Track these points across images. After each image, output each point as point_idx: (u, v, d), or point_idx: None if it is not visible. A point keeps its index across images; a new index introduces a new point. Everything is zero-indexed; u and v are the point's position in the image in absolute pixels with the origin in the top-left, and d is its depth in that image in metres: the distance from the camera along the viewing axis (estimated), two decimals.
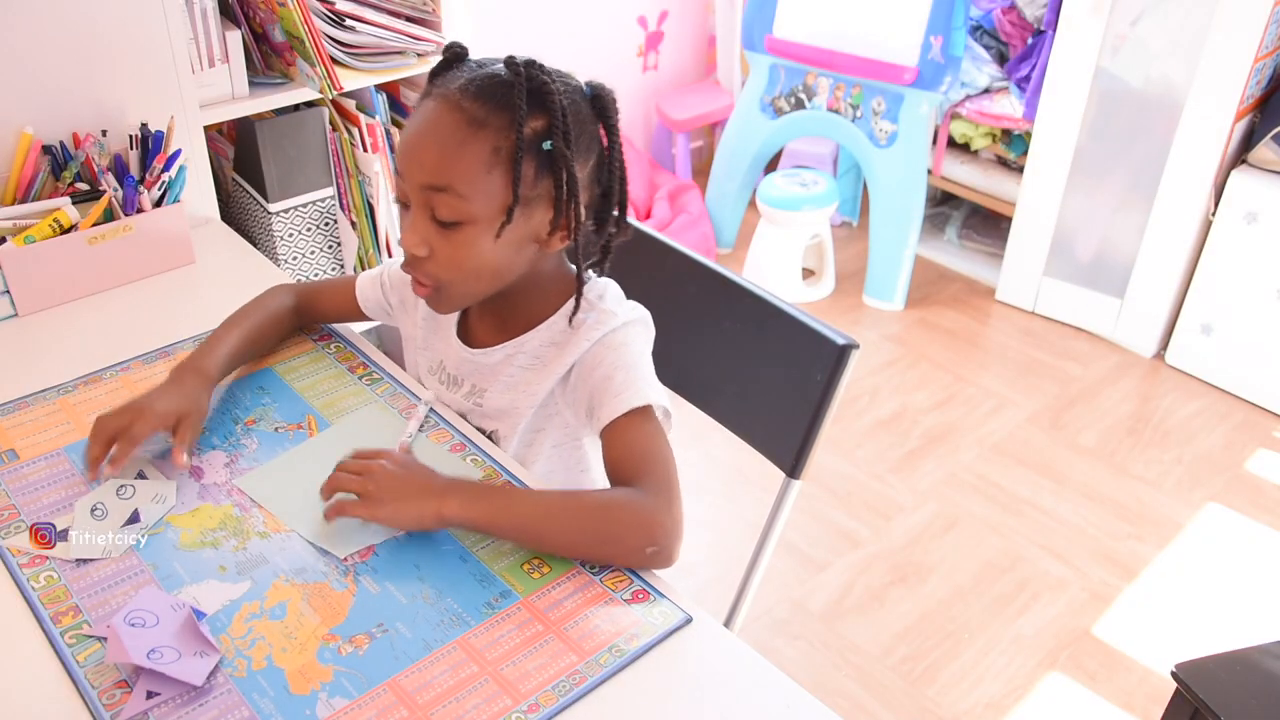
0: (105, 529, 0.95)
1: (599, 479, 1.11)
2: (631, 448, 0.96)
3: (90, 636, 0.84)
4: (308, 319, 1.24)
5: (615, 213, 1.02)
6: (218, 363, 1.10)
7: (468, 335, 1.10)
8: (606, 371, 0.98)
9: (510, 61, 0.93)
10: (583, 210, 0.97)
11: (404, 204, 0.97)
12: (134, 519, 0.96)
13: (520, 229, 0.95)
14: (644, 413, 0.97)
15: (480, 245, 0.94)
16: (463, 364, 1.10)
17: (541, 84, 0.91)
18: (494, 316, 1.07)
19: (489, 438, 1.09)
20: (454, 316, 1.11)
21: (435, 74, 0.97)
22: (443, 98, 0.92)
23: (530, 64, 0.93)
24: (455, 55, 0.96)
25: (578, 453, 1.10)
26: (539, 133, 0.92)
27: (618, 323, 1.01)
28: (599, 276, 1.06)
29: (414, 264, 0.97)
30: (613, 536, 0.91)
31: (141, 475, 1.01)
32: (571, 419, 1.06)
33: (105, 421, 1.00)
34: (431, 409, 1.10)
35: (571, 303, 1.02)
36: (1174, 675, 1.22)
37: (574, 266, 1.01)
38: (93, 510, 0.96)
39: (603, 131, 0.98)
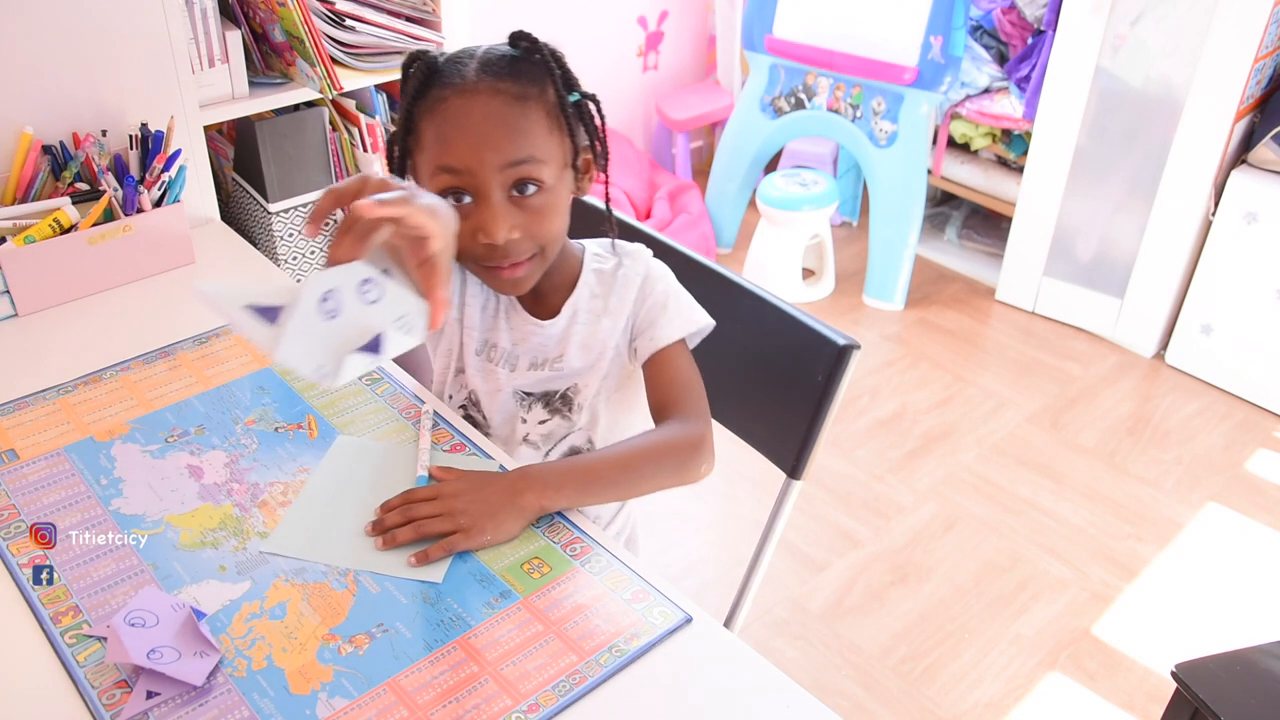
0: (334, 335, 0.66)
1: (645, 417, 1.15)
2: (673, 380, 1.06)
3: (90, 636, 0.84)
4: None
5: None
6: None
7: (530, 308, 1.12)
8: (660, 299, 1.08)
9: (521, 35, 1.01)
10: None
11: (456, 198, 0.97)
12: (374, 346, 0.69)
13: (577, 181, 1.06)
14: (683, 344, 1.08)
15: (561, 204, 1.02)
16: (527, 339, 1.11)
17: (548, 47, 1.01)
18: (539, 290, 1.09)
19: (556, 401, 1.12)
20: (511, 300, 1.12)
21: (424, 82, 0.98)
22: (471, 90, 0.96)
23: (531, 34, 1.01)
24: (433, 59, 1.00)
25: (629, 395, 1.15)
26: (562, 89, 1.00)
27: (647, 253, 1.12)
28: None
29: (505, 250, 0.99)
30: (676, 466, 1.01)
31: (387, 272, 0.74)
32: (625, 351, 1.12)
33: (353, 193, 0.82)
34: (435, 416, 1.10)
35: (592, 254, 1.12)
36: (1174, 675, 1.22)
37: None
38: (323, 300, 0.66)
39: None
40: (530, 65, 0.99)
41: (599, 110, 1.04)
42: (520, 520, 0.94)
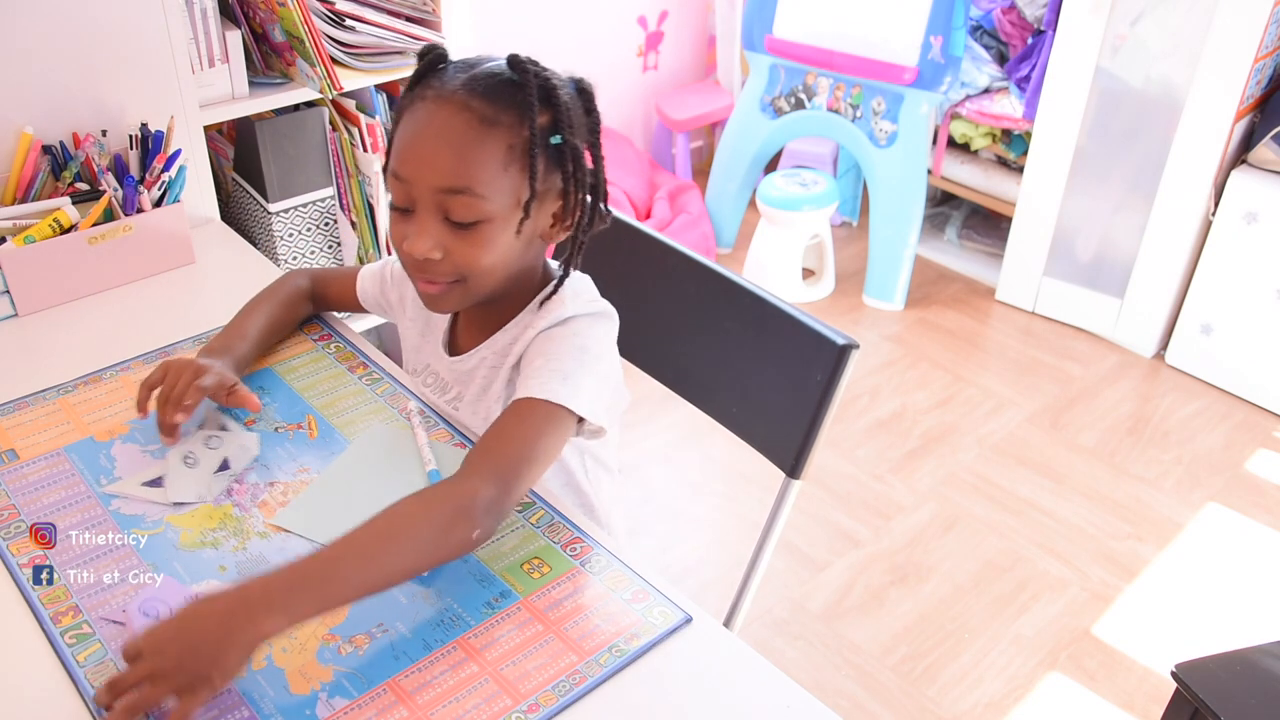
0: (199, 475, 1.01)
1: (579, 475, 1.12)
2: (499, 432, 0.91)
3: (90, 636, 0.84)
4: (320, 306, 1.26)
5: (601, 203, 1.02)
6: (243, 350, 1.13)
7: (454, 341, 1.12)
8: (536, 356, 0.97)
9: (515, 60, 0.93)
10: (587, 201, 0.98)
11: (402, 209, 0.94)
12: (224, 466, 1.02)
13: (533, 224, 0.96)
14: (541, 406, 0.92)
15: (499, 242, 0.94)
16: (445, 369, 1.12)
17: (545, 80, 0.92)
18: (477, 319, 1.07)
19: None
20: (444, 323, 1.12)
21: (419, 77, 0.96)
22: (445, 99, 0.91)
23: (532, 61, 0.93)
24: (439, 57, 0.96)
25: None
26: (545, 128, 0.92)
27: (566, 314, 1.00)
28: (574, 270, 1.06)
29: (424, 266, 0.95)
30: (431, 540, 0.84)
31: (224, 428, 1.07)
32: None
33: (157, 381, 1.05)
34: (422, 412, 1.11)
35: (538, 300, 1.02)
36: (1174, 675, 1.22)
37: (548, 262, 1.05)
38: (185, 459, 1.02)
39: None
40: (516, 91, 0.91)
41: (577, 160, 0.95)
42: (244, 654, 0.75)
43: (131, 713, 0.73)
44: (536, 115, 0.91)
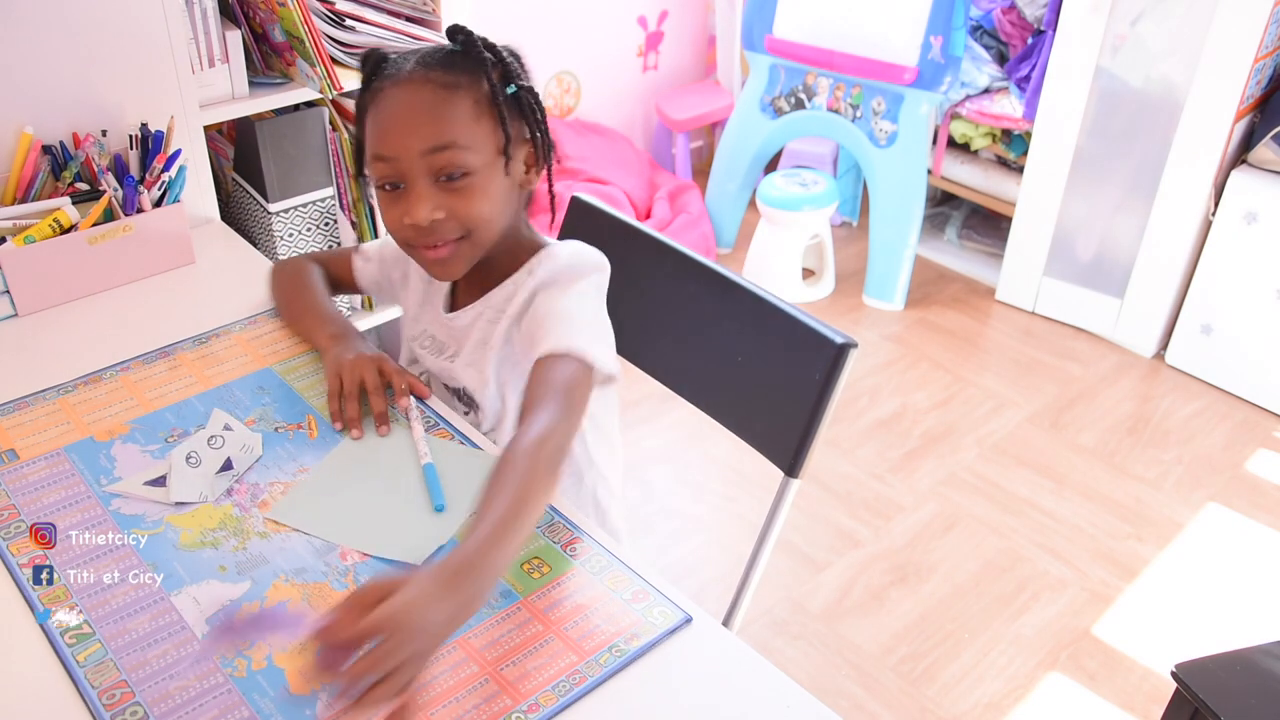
0: (202, 474, 1.00)
1: (578, 447, 1.16)
2: (544, 382, 0.95)
3: (90, 636, 0.84)
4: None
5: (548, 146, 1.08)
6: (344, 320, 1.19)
7: (453, 303, 1.16)
8: (542, 314, 1.02)
9: (453, 30, 1.01)
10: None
11: (392, 185, 1.01)
12: (227, 466, 1.02)
13: (512, 169, 1.03)
14: (563, 360, 0.96)
15: (492, 189, 1.01)
16: (442, 329, 1.15)
17: (484, 40, 1.02)
18: (475, 278, 1.10)
19: (464, 398, 1.13)
20: (444, 288, 1.16)
21: (369, 77, 1.03)
22: (405, 80, 0.99)
23: (467, 29, 1.02)
24: (381, 56, 1.03)
25: None
26: (499, 81, 1.01)
27: (561, 264, 1.06)
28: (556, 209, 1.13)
29: (429, 231, 1.00)
30: (551, 471, 0.88)
31: (228, 428, 1.06)
32: (525, 364, 1.02)
33: (352, 377, 1.09)
34: (421, 410, 1.11)
35: (535, 259, 1.08)
36: (1174, 675, 1.22)
37: (528, 222, 1.11)
38: (188, 458, 1.01)
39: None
40: (465, 58, 1.00)
41: (537, 104, 1.04)
42: (437, 642, 0.75)
43: (363, 692, 0.70)
44: (490, 70, 1.00)
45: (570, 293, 1.03)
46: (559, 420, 0.91)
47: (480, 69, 1.00)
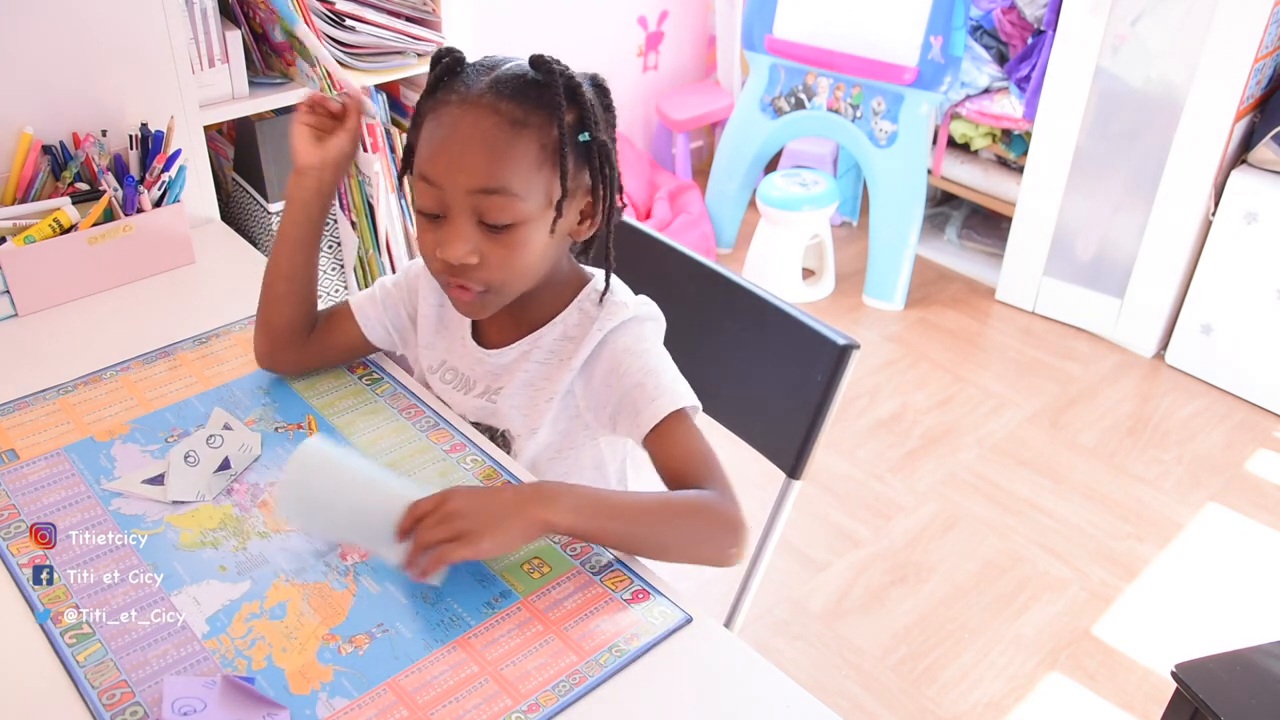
0: (199, 473, 1.01)
1: (613, 479, 1.13)
2: (687, 451, 0.97)
3: (90, 636, 0.84)
4: (308, 356, 1.16)
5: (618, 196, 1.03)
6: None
7: (479, 336, 1.09)
8: (636, 379, 0.99)
9: (538, 60, 0.93)
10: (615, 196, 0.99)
11: (433, 215, 0.94)
12: (225, 465, 1.02)
13: (565, 222, 0.97)
14: (680, 415, 0.98)
15: (534, 243, 0.95)
16: (476, 365, 1.09)
17: (570, 78, 0.93)
18: (507, 316, 1.04)
19: (499, 439, 1.08)
20: (465, 319, 1.10)
21: (438, 80, 0.95)
22: (472, 103, 0.91)
23: (555, 60, 0.94)
24: (457, 60, 0.96)
25: (595, 452, 1.09)
26: (573, 126, 0.93)
27: (629, 314, 1.02)
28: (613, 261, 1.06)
29: (460, 272, 0.95)
30: (706, 537, 0.92)
31: (227, 428, 1.07)
32: (591, 419, 1.05)
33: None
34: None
35: (584, 296, 1.04)
36: (1174, 675, 1.22)
37: (579, 263, 1.05)
38: (186, 457, 1.02)
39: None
40: (542, 93, 0.91)
41: (607, 159, 0.96)
42: (523, 533, 0.86)
43: (441, 560, 0.84)
44: (565, 114, 0.92)
45: (652, 348, 1.01)
46: (732, 502, 0.93)
47: (555, 109, 0.91)
